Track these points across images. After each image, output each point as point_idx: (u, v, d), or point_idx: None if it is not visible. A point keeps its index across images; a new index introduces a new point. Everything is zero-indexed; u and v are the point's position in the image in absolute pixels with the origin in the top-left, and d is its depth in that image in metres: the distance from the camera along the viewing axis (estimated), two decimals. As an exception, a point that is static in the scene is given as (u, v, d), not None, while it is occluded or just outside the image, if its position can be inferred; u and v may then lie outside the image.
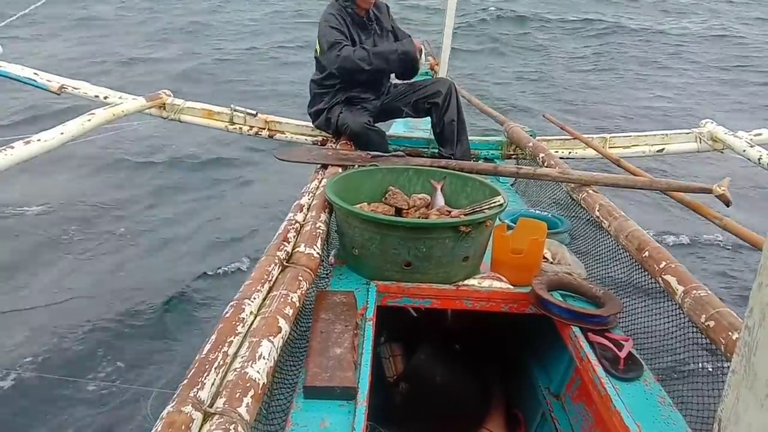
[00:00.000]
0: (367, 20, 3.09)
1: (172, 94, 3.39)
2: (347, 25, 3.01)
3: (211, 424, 1.00)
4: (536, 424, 2.04)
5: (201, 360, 1.14)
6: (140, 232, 4.76)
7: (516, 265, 1.85)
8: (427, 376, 2.03)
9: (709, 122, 3.49)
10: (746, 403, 0.63)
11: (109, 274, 4.12)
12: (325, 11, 3.08)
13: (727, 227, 1.95)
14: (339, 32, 2.97)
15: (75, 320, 3.56)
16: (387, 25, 3.18)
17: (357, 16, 3.05)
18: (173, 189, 5.64)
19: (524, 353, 2.20)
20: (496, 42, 11.89)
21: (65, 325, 3.51)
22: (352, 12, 3.03)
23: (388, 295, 1.78)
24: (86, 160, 5.86)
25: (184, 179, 5.85)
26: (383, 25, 3.16)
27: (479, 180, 2.18)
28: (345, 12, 3.03)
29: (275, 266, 1.58)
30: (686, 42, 12.25)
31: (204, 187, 5.71)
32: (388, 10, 3.24)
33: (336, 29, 2.97)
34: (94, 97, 3.24)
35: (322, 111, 3.15)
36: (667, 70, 10.53)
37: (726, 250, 4.53)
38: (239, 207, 5.35)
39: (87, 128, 2.70)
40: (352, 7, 3.02)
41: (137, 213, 5.10)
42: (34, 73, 3.19)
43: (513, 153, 3.37)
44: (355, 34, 3.04)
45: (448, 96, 3.04)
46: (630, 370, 1.48)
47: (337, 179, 2.10)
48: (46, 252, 4.38)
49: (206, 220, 5.01)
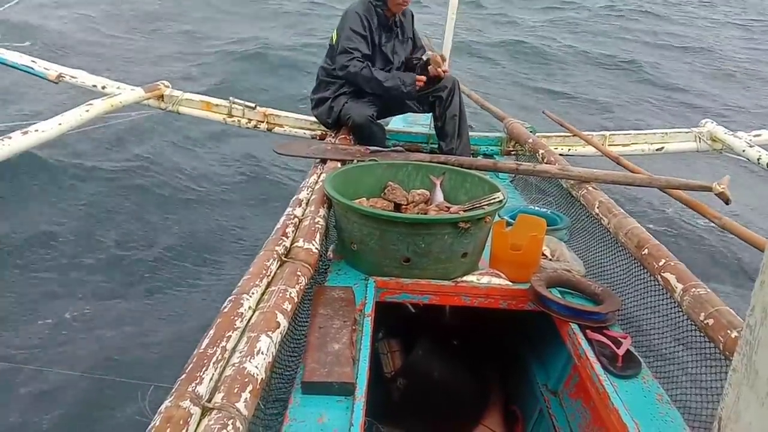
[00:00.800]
0: (393, 24, 3.11)
1: (170, 86, 3.38)
2: (371, 26, 3.02)
3: (209, 419, 1.00)
4: (534, 420, 2.04)
5: (199, 355, 1.14)
6: (135, 225, 4.75)
7: (515, 261, 1.84)
8: (426, 372, 2.03)
9: (709, 122, 3.50)
10: (747, 401, 0.63)
11: (107, 271, 4.11)
12: (355, 6, 3.08)
13: (727, 227, 1.96)
14: (359, 37, 2.99)
15: (71, 313, 3.55)
16: (409, 32, 3.23)
17: (384, 17, 3.06)
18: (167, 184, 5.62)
19: (522, 350, 2.21)
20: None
21: (61, 318, 3.50)
22: (380, 13, 3.04)
23: (387, 291, 1.78)
24: (79, 150, 5.83)
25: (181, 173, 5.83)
26: (405, 31, 3.20)
27: (479, 176, 2.17)
28: (373, 11, 3.03)
29: (274, 261, 1.57)
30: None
31: (204, 183, 5.70)
32: (412, 17, 3.28)
33: (357, 33, 2.99)
34: (92, 87, 3.23)
35: (326, 99, 3.15)
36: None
37: (725, 248, 4.54)
38: (237, 203, 5.34)
39: (85, 119, 2.69)
40: (383, 8, 3.03)
41: (131, 210, 5.09)
42: (31, 60, 3.17)
43: (513, 149, 3.37)
44: (378, 35, 3.06)
45: (452, 91, 3.08)
46: (628, 368, 1.48)
47: (336, 174, 2.10)
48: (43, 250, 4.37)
49: (203, 214, 5.00)
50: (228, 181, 5.73)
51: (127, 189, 5.41)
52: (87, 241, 4.46)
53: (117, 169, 5.76)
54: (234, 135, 6.15)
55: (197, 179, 5.73)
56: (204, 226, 4.79)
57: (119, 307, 3.66)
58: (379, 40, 3.06)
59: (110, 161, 5.87)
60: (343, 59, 2.97)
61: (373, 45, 3.04)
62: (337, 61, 3.01)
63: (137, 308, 3.66)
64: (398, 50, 3.13)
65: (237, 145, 6.30)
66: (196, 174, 5.82)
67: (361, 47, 2.99)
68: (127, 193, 5.30)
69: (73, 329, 3.41)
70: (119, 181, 5.61)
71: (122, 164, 5.88)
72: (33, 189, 4.96)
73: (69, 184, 5.22)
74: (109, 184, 5.50)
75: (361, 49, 2.98)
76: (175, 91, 3.37)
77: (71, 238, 4.52)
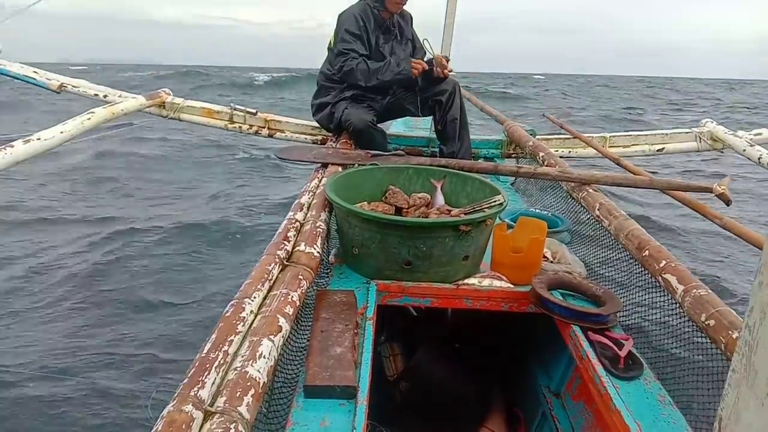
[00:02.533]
0: (391, 25, 3.11)
1: (171, 93, 3.39)
2: (368, 28, 3.03)
3: (211, 423, 1.00)
4: (536, 422, 2.04)
5: (201, 359, 1.14)
6: (136, 232, 4.76)
7: (516, 264, 1.85)
8: (428, 375, 2.03)
9: (710, 122, 3.50)
10: (747, 401, 0.63)
11: (106, 271, 4.12)
12: (351, 8, 3.09)
13: (727, 226, 1.95)
14: (355, 38, 2.99)
15: (74, 319, 3.56)
16: (408, 34, 3.23)
17: (381, 18, 3.06)
18: (170, 187, 5.64)
19: (524, 352, 2.20)
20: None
21: (64, 323, 3.51)
22: (377, 14, 3.04)
23: (388, 294, 1.78)
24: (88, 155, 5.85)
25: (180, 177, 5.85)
26: (404, 33, 3.20)
27: (479, 179, 2.18)
28: (370, 12, 3.04)
29: (275, 265, 1.58)
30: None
31: (203, 187, 5.71)
32: (411, 19, 3.28)
33: (352, 34, 2.99)
34: (94, 96, 3.25)
35: (326, 105, 3.16)
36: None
37: (726, 249, 4.53)
38: (239, 206, 5.35)
39: (86, 127, 2.69)
40: (380, 9, 3.04)
41: (130, 215, 5.11)
42: (33, 71, 3.19)
43: (513, 152, 3.37)
44: (375, 36, 3.06)
45: (453, 95, 3.08)
46: (630, 369, 1.48)
47: (337, 178, 2.10)
48: (43, 250, 4.39)
49: (206, 219, 5.01)
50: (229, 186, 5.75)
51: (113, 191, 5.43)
52: (88, 243, 4.48)
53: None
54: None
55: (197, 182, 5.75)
56: (203, 231, 4.81)
57: (120, 311, 3.67)
58: (377, 41, 3.06)
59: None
60: (339, 61, 2.98)
61: (369, 46, 3.03)
62: (335, 64, 3.02)
63: (138, 311, 3.67)
64: (397, 51, 3.12)
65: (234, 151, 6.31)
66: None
67: (358, 47, 2.99)
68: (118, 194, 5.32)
69: (75, 335, 3.42)
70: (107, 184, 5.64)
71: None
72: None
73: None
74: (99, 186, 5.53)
75: (357, 49, 2.98)
76: (177, 98, 3.39)
77: (72, 241, 4.54)
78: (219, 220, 4.97)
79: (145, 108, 3.24)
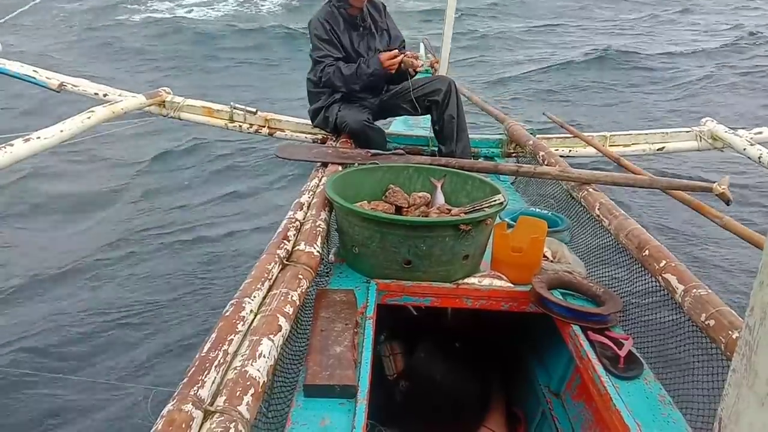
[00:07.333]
0: (361, 20, 3.06)
1: (171, 92, 3.39)
2: (337, 30, 3.00)
3: (211, 423, 1.00)
4: (536, 422, 2.04)
5: (201, 358, 1.14)
6: (138, 230, 4.76)
7: (516, 263, 1.85)
8: (428, 375, 2.03)
9: (710, 120, 3.49)
10: (747, 402, 0.63)
11: (107, 272, 4.12)
12: (317, 15, 3.06)
13: (728, 226, 1.95)
14: (325, 43, 2.98)
15: (74, 318, 3.56)
16: (383, 25, 3.17)
17: (350, 16, 3.03)
18: (170, 187, 5.64)
19: (524, 351, 2.20)
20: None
21: (64, 322, 3.51)
22: (344, 12, 3.02)
23: (388, 294, 1.78)
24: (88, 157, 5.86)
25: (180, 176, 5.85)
26: (378, 24, 3.14)
27: (479, 178, 2.17)
28: (336, 13, 3.01)
29: (275, 264, 1.58)
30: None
31: (204, 185, 5.72)
32: (385, 9, 3.22)
33: (323, 40, 2.98)
34: (94, 95, 3.24)
35: (320, 110, 3.15)
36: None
37: (726, 249, 4.53)
38: (239, 205, 5.35)
39: (86, 126, 2.69)
40: (345, 7, 3.01)
41: (132, 210, 5.11)
42: (33, 70, 3.18)
43: (513, 151, 3.37)
44: (346, 36, 3.03)
45: (448, 93, 3.03)
46: (630, 369, 1.48)
47: (337, 177, 2.10)
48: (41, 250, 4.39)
49: (205, 219, 5.01)
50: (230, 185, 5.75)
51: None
52: (88, 245, 4.48)
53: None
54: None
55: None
56: (204, 231, 4.80)
57: (120, 311, 3.67)
58: (350, 40, 3.03)
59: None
60: (318, 69, 2.99)
61: (343, 47, 3.01)
62: (316, 74, 3.03)
63: (138, 312, 3.67)
64: (373, 45, 3.07)
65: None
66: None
67: (331, 52, 2.97)
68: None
69: (76, 336, 3.42)
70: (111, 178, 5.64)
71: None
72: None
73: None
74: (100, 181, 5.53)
75: (330, 53, 2.97)
76: (177, 97, 3.38)
77: (72, 243, 4.53)
78: (219, 220, 4.97)
79: (145, 107, 3.24)
